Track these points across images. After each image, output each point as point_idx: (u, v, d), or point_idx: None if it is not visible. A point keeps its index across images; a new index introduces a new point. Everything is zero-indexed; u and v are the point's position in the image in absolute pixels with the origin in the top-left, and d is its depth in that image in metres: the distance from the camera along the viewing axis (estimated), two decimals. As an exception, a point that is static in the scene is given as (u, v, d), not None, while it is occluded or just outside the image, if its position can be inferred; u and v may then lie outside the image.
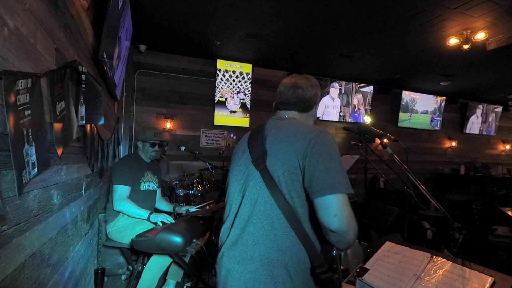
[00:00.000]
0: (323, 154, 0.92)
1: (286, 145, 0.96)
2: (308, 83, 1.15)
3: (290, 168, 0.93)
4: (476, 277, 1.16)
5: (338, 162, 0.92)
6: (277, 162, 0.95)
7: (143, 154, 2.47)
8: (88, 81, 1.44)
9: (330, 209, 0.86)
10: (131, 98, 4.77)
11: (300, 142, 0.94)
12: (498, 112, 8.53)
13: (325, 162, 0.90)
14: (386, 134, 2.05)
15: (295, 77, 1.17)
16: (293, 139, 0.96)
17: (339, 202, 0.86)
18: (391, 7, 3.31)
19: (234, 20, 3.75)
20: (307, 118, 1.17)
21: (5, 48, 0.79)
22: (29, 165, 0.88)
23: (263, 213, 0.95)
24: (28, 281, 0.96)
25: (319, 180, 0.88)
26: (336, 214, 0.85)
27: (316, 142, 0.93)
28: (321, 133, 0.97)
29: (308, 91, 1.13)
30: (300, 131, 0.98)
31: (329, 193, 0.86)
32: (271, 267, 0.91)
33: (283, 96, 1.14)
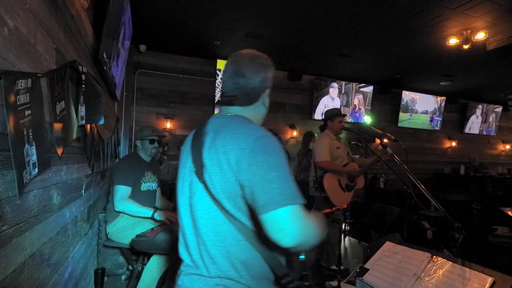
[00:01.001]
0: (259, 164, 0.79)
1: (220, 157, 0.83)
2: (253, 66, 0.94)
3: (227, 184, 0.82)
4: (476, 277, 1.16)
5: (279, 170, 0.80)
6: (214, 177, 0.84)
7: (142, 153, 2.46)
8: (88, 81, 1.44)
9: (275, 225, 0.75)
10: (131, 98, 4.77)
11: (234, 153, 0.81)
12: (498, 112, 8.53)
13: (262, 173, 0.78)
14: (386, 134, 2.05)
15: (238, 57, 0.96)
16: (228, 148, 0.83)
17: (283, 217, 0.75)
18: (391, 7, 3.31)
19: (234, 20, 3.75)
20: (255, 111, 0.99)
21: (5, 48, 0.79)
22: (30, 165, 0.88)
23: (212, 229, 0.86)
24: (28, 281, 0.96)
25: (258, 196, 0.77)
26: (282, 228, 0.75)
27: (252, 151, 0.80)
28: (259, 139, 0.82)
29: (253, 78, 0.94)
30: (235, 137, 0.84)
31: (270, 209, 0.75)
32: (230, 283, 0.84)
33: (224, 87, 0.98)
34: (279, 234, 0.75)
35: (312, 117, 6.11)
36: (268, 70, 0.97)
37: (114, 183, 2.27)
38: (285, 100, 6.01)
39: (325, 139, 3.19)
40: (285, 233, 0.75)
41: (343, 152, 3.23)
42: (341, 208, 2.74)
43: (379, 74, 5.98)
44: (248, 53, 0.97)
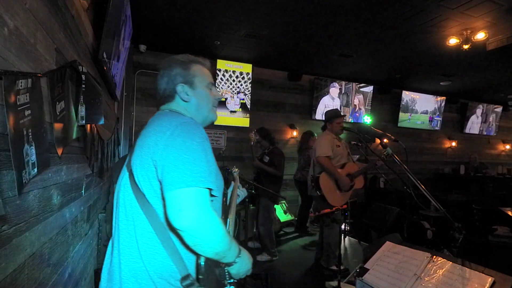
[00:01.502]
0: (176, 145, 0.80)
1: (144, 141, 0.86)
2: (160, 72, 1.02)
3: (146, 165, 0.83)
4: (476, 277, 1.16)
5: (195, 153, 0.80)
6: (137, 161, 0.85)
7: None
8: (88, 81, 1.44)
9: (175, 205, 0.75)
10: (131, 98, 4.77)
11: (156, 136, 0.83)
12: (498, 112, 8.53)
13: (176, 154, 0.79)
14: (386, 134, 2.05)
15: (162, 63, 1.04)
16: (151, 133, 0.85)
17: (186, 197, 0.75)
18: (391, 7, 3.31)
19: (234, 20, 3.75)
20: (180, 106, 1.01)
21: (5, 48, 0.79)
22: (29, 165, 0.88)
23: (128, 218, 0.86)
24: (28, 281, 0.96)
25: (168, 174, 0.77)
26: (181, 209, 0.74)
27: (172, 134, 0.82)
28: (181, 124, 0.85)
29: (160, 83, 1.01)
30: (161, 124, 0.87)
31: (176, 187, 0.75)
32: (135, 280, 0.83)
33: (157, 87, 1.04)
34: (176, 214, 0.74)
35: (312, 117, 6.11)
36: (172, 68, 1.00)
37: (114, 182, 2.26)
38: (285, 100, 6.02)
39: (326, 136, 3.21)
40: (182, 214, 0.74)
41: (343, 151, 3.24)
42: (340, 208, 2.74)
43: (379, 74, 5.98)
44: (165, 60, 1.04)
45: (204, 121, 1.07)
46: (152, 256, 0.83)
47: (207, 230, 0.77)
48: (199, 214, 0.75)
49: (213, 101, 1.08)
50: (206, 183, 0.79)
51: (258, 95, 5.67)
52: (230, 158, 5.29)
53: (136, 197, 0.86)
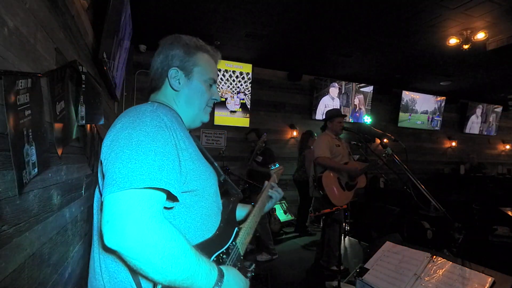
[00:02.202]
0: (121, 139, 0.64)
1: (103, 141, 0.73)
2: (160, 45, 0.90)
3: (100, 166, 0.70)
4: (476, 277, 1.16)
5: (139, 144, 0.62)
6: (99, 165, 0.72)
7: None
8: (88, 81, 1.44)
9: (104, 215, 0.57)
10: (131, 98, 4.77)
11: (109, 131, 0.70)
12: (498, 112, 8.53)
13: (118, 149, 0.62)
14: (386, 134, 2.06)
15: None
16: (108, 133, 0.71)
17: (118, 203, 0.56)
18: (391, 7, 3.31)
19: (234, 20, 3.75)
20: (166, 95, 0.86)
21: (5, 48, 0.79)
22: (29, 165, 0.88)
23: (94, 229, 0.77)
24: (28, 281, 0.96)
25: (106, 174, 0.62)
26: (109, 220, 0.55)
27: (121, 127, 0.67)
28: (132, 115, 0.69)
29: (155, 60, 0.87)
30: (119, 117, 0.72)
31: (107, 192, 0.58)
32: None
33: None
34: (104, 226, 0.56)
35: (312, 117, 6.11)
36: (173, 48, 0.87)
37: None
38: (285, 100, 6.02)
39: (325, 137, 3.21)
40: (110, 226, 0.55)
41: (343, 150, 3.23)
42: (341, 208, 2.74)
43: (379, 74, 5.98)
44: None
45: (193, 120, 0.92)
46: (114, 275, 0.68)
47: (150, 250, 0.55)
48: (135, 227, 0.55)
49: (208, 100, 0.92)
50: (150, 181, 0.58)
51: (258, 95, 5.68)
52: (230, 158, 5.29)
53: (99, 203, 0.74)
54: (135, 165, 0.59)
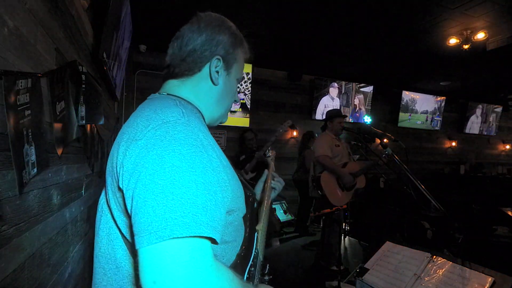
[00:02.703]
0: (150, 164, 0.49)
1: (114, 147, 0.59)
2: (193, 24, 0.71)
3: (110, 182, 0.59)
4: (476, 277, 1.16)
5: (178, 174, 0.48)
6: (107, 180, 0.61)
7: None
8: (88, 81, 1.44)
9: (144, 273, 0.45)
10: (131, 98, 4.78)
11: (122, 145, 0.56)
12: (498, 112, 8.53)
13: (148, 179, 0.48)
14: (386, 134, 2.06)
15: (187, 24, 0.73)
16: (123, 138, 0.57)
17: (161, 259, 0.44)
18: (391, 7, 3.31)
19: (234, 20, 3.75)
20: (197, 86, 0.71)
21: (5, 48, 0.79)
22: (29, 165, 0.88)
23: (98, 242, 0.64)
24: (28, 281, 0.96)
25: (137, 216, 0.48)
26: (156, 281, 0.43)
27: (146, 145, 0.52)
28: (162, 126, 0.53)
29: (192, 37, 0.68)
30: (136, 123, 0.57)
31: (143, 244, 0.45)
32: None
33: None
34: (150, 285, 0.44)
35: (312, 117, 6.11)
36: (221, 32, 0.72)
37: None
38: (285, 100, 6.01)
39: (325, 137, 3.22)
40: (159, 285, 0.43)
41: (343, 151, 3.24)
42: (341, 208, 2.74)
43: (379, 74, 5.98)
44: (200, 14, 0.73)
45: (216, 120, 0.81)
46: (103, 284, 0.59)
47: None
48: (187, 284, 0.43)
49: (233, 100, 0.82)
50: (195, 226, 0.46)
51: (258, 95, 5.67)
52: (230, 158, 5.29)
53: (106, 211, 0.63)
54: (174, 204, 0.46)
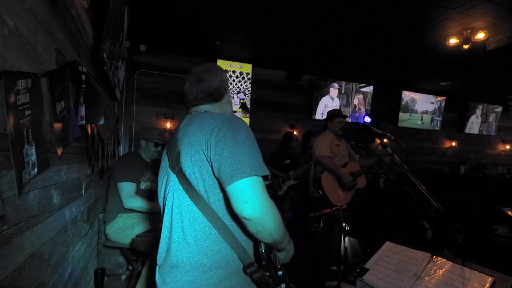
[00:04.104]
0: (227, 140, 0.85)
1: (191, 139, 0.91)
2: (210, 73, 1.09)
3: (198, 162, 0.88)
4: (476, 277, 1.16)
5: (246, 145, 0.85)
6: (187, 159, 0.90)
7: (144, 153, 2.46)
8: (88, 81, 1.44)
9: (240, 196, 0.79)
10: (131, 98, 4.77)
11: (203, 133, 0.89)
12: (498, 112, 8.52)
13: (230, 148, 0.84)
14: (386, 134, 2.06)
15: (196, 70, 1.12)
16: (197, 131, 0.91)
17: (248, 187, 0.79)
18: (391, 7, 3.31)
19: (234, 20, 3.75)
20: (222, 108, 1.12)
21: (5, 48, 0.79)
22: (29, 165, 0.88)
23: (182, 216, 0.90)
24: (28, 281, 0.96)
25: (227, 168, 0.81)
26: (247, 200, 0.78)
27: (220, 129, 0.87)
28: (226, 120, 0.91)
29: (212, 81, 1.08)
30: (205, 121, 0.92)
31: (237, 179, 0.79)
32: (195, 272, 0.86)
33: (189, 94, 1.09)
34: (243, 204, 0.78)
35: (312, 117, 6.11)
36: (223, 74, 1.12)
37: (116, 181, 2.24)
38: (285, 100, 6.01)
39: (325, 136, 3.21)
40: (248, 204, 0.78)
41: (343, 150, 3.23)
42: (341, 208, 2.74)
43: (379, 74, 5.98)
44: (204, 65, 1.14)
45: None
46: (211, 248, 0.86)
47: (270, 218, 0.81)
48: (262, 202, 0.79)
49: None
50: (261, 171, 0.83)
51: (258, 95, 5.67)
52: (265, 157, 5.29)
53: (189, 195, 0.89)
54: (251, 160, 0.83)
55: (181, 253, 0.88)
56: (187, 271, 0.86)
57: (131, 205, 2.19)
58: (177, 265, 0.87)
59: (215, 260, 0.86)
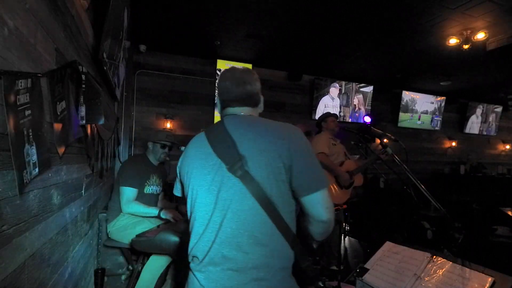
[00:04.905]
0: (306, 152, 0.95)
1: (266, 146, 0.93)
2: (253, 77, 1.10)
3: (275, 169, 0.91)
4: (476, 277, 1.16)
5: (314, 157, 0.97)
6: (260, 165, 0.92)
7: (152, 155, 2.48)
8: (88, 81, 1.44)
9: (323, 203, 0.92)
10: (131, 98, 4.77)
11: (281, 142, 0.93)
12: (498, 112, 8.52)
13: (309, 160, 0.94)
14: (386, 134, 2.06)
15: (237, 71, 1.10)
16: (271, 138, 0.94)
17: (327, 195, 0.93)
18: (391, 8, 3.31)
19: (234, 20, 3.75)
20: (257, 112, 1.16)
21: (5, 48, 0.79)
22: (30, 165, 0.88)
23: (248, 221, 0.91)
24: (28, 281, 0.96)
25: (308, 178, 0.92)
26: (328, 206, 0.92)
27: (297, 140, 0.96)
28: (296, 130, 1.00)
29: (255, 85, 1.10)
30: (276, 129, 0.98)
31: (319, 189, 0.92)
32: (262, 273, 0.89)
33: (232, 93, 1.07)
34: (324, 210, 0.92)
35: (312, 117, 6.11)
36: (258, 80, 1.14)
37: (120, 184, 2.28)
38: (285, 100, 6.01)
39: (322, 135, 3.23)
40: (328, 210, 0.92)
41: (340, 150, 3.24)
42: (341, 208, 2.74)
43: (379, 74, 5.97)
44: (243, 68, 1.14)
45: None
46: (277, 249, 0.91)
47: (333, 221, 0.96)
48: (332, 208, 0.94)
49: None
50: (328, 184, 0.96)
51: (258, 95, 5.67)
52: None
53: (258, 199, 0.91)
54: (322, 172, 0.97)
55: (250, 257, 0.89)
56: (255, 273, 0.88)
57: (129, 210, 2.24)
58: (244, 268, 0.89)
59: (281, 261, 0.92)
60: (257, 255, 0.89)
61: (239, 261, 0.89)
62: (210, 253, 0.92)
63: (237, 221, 0.91)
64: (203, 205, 0.97)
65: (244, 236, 0.90)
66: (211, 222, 0.94)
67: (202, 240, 0.95)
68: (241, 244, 0.90)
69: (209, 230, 0.94)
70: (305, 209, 0.93)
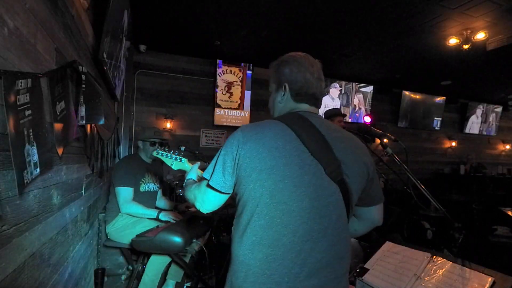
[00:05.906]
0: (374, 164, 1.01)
1: (359, 157, 0.93)
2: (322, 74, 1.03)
3: (362, 181, 0.94)
4: (476, 277, 1.16)
5: None
6: (355, 175, 0.90)
7: (143, 154, 2.46)
8: (88, 81, 1.44)
9: (382, 211, 1.07)
10: (131, 98, 4.77)
11: (367, 158, 0.96)
12: (498, 112, 8.52)
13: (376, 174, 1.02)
14: (386, 134, 2.06)
15: (315, 63, 1.00)
16: (358, 151, 0.95)
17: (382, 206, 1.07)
18: (391, 7, 3.31)
19: (234, 20, 3.75)
20: None
21: (5, 48, 0.79)
22: (31, 165, 0.88)
23: (338, 228, 0.87)
24: (28, 281, 0.96)
25: (378, 190, 1.02)
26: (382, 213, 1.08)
27: (368, 153, 1.01)
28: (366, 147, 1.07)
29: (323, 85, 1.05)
30: (358, 142, 1.01)
31: (383, 199, 1.05)
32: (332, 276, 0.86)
33: (311, 88, 0.96)
34: (381, 217, 1.08)
35: (312, 117, 6.11)
36: None
37: (114, 185, 2.26)
38: (285, 100, 6.00)
39: None
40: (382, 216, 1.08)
41: None
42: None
43: (379, 74, 5.97)
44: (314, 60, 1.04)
45: None
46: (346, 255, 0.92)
47: None
48: None
49: None
50: None
51: (258, 95, 5.67)
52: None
53: (347, 206, 0.91)
54: None
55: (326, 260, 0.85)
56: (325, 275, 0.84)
57: (128, 210, 2.22)
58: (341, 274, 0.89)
59: (346, 266, 0.93)
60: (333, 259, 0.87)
61: (320, 264, 0.84)
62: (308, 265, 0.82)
63: (333, 230, 0.86)
64: (297, 209, 0.82)
65: (336, 244, 0.87)
66: (308, 231, 0.82)
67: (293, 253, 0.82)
68: (324, 248, 0.84)
69: (303, 239, 0.82)
70: (364, 215, 1.05)
